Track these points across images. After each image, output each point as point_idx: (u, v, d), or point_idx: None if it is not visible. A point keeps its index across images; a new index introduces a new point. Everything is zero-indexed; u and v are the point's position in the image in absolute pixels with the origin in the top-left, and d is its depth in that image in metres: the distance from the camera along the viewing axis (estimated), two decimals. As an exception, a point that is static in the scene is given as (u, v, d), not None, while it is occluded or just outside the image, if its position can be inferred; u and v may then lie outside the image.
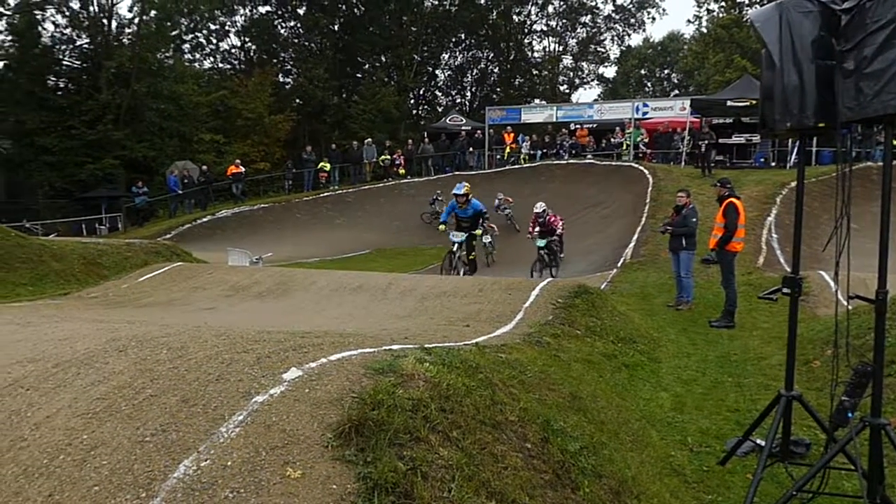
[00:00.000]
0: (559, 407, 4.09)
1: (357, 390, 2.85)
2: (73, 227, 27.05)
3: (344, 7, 42.16)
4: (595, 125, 29.03)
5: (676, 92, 51.84)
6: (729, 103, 23.17)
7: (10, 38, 30.94)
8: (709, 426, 5.32)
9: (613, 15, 49.36)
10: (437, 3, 44.47)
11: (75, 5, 32.90)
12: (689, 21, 79.76)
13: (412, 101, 45.88)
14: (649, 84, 58.03)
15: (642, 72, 57.74)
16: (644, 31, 54.65)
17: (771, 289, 4.34)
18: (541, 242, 14.79)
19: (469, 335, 5.93)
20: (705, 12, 43.83)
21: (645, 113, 27.60)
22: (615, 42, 51.80)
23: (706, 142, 21.49)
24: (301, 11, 42.31)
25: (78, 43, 33.62)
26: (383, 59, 43.61)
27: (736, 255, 9.59)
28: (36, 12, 31.52)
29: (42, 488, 2.38)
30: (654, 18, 52.88)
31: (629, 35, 51.82)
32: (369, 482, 2.35)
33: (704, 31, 44.93)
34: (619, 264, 14.49)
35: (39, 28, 32.14)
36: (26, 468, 2.48)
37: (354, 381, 2.95)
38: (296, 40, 43.42)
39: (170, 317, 7.34)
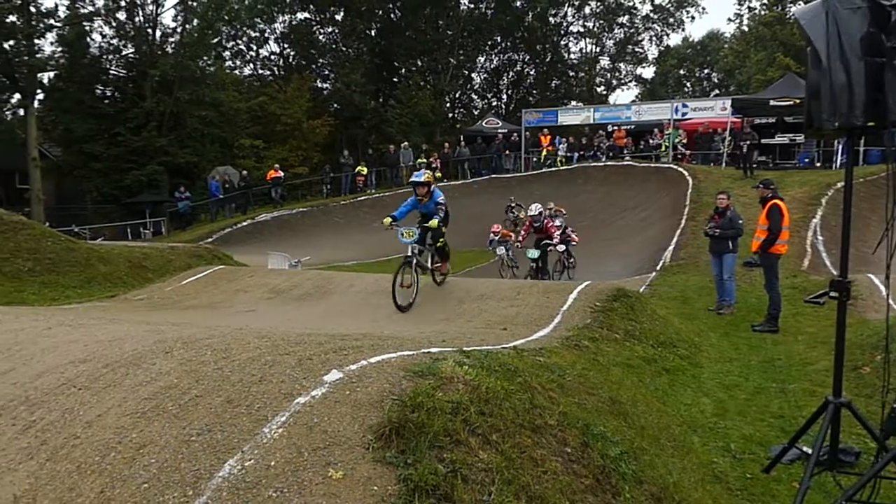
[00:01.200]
0: (599, 411, 4.05)
1: (397, 393, 2.87)
2: (119, 232, 27.87)
3: (381, 12, 42.49)
4: (633, 126, 28.69)
5: (716, 92, 50.90)
6: (772, 103, 22.69)
7: (60, 49, 31.99)
8: (752, 432, 5.21)
9: (652, 15, 48.69)
10: (472, 6, 44.51)
11: (122, 16, 33.92)
12: (729, 19, 78.26)
13: (448, 105, 45.94)
14: (688, 84, 57.09)
15: (681, 72, 56.84)
16: (683, 30, 53.73)
17: (818, 292, 4.25)
18: (533, 254, 13.13)
19: (506, 338, 5.92)
20: (747, 10, 42.97)
21: (684, 113, 27.18)
22: (653, 42, 51.10)
23: (748, 142, 21.07)
24: (339, 17, 42.78)
25: (124, 52, 34.61)
26: (419, 63, 43.80)
27: (780, 258, 9.38)
28: (85, 24, 32.53)
29: (94, 485, 2.45)
30: (693, 17, 51.92)
31: (668, 35, 51.04)
32: (410, 484, 2.37)
33: (746, 29, 44.04)
34: (658, 267, 14.28)
35: (88, 39, 33.17)
36: (79, 465, 2.56)
37: (394, 383, 2.97)
38: (333, 46, 43.93)
39: (213, 319, 7.49)
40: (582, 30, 49.10)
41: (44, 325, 4.35)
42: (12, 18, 28.51)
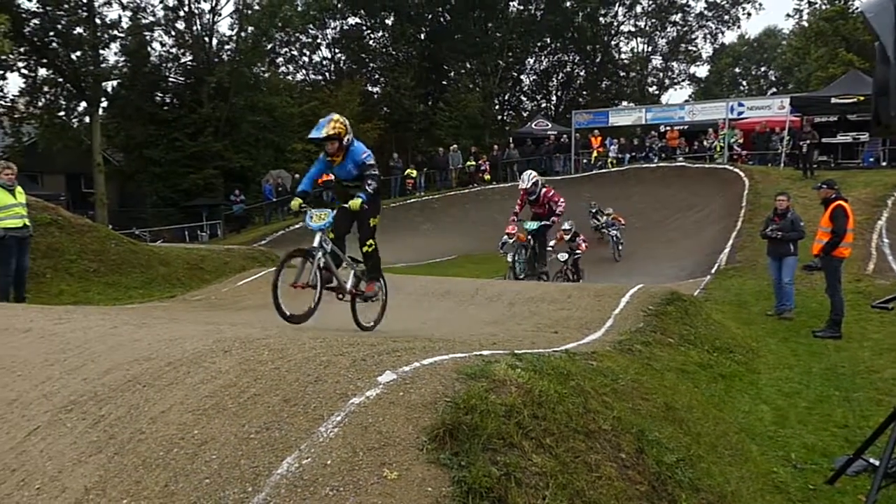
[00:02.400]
0: (653, 417, 3.98)
1: (450, 395, 2.88)
2: (177, 234, 28.76)
3: (430, 16, 42.73)
4: (686, 126, 28.08)
5: (774, 90, 49.39)
6: (833, 100, 21.89)
7: (123, 58, 33.28)
8: (814, 442, 5.04)
9: (706, 12, 47.55)
10: (521, 8, 44.33)
11: (180, 26, 35.03)
12: (788, 15, 75.88)
13: (497, 107, 45.84)
14: (744, 83, 55.57)
15: (737, 70, 55.37)
16: (738, 27, 52.25)
17: (886, 297, 4.07)
18: (531, 225, 11.02)
19: (557, 342, 5.88)
20: (807, 5, 41.51)
21: (740, 112, 26.44)
22: (707, 40, 49.89)
23: (808, 141, 20.36)
24: (389, 22, 43.22)
25: (182, 61, 35.73)
26: (468, 65, 43.84)
27: (843, 262, 9.04)
28: (146, 34, 33.73)
29: (159, 479, 2.54)
30: (749, 14, 50.23)
31: (722, 32, 49.76)
32: (464, 486, 2.37)
33: (805, 24, 42.59)
34: (713, 270, 13.93)
35: (149, 48, 34.39)
36: (145, 459, 2.66)
37: (447, 385, 2.98)
38: (383, 50, 44.39)
39: (267, 319, 7.65)
40: (633, 29, 48.33)
41: (110, 324, 4.52)
42: (79, 30, 29.77)
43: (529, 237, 11.14)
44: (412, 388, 2.94)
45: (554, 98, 49.14)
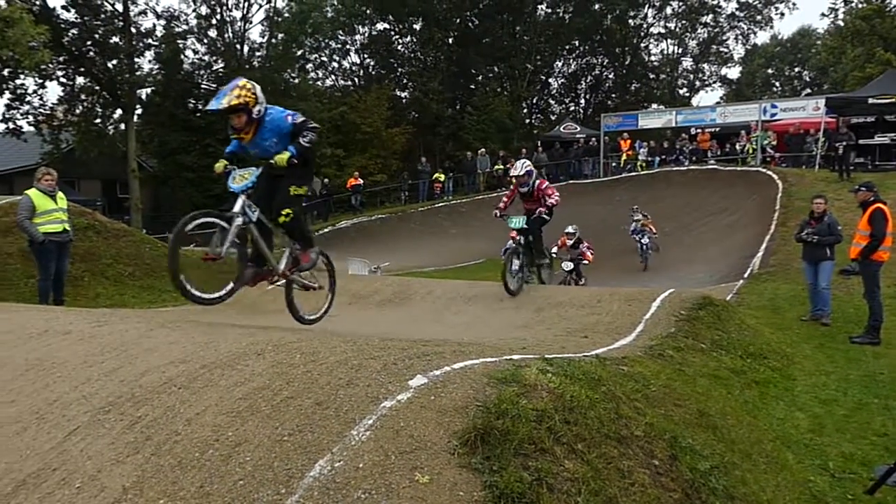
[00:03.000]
0: (686, 423, 3.93)
1: (481, 399, 2.88)
2: (208, 238, 29.17)
3: (458, 20, 42.84)
4: (718, 129, 27.71)
5: (808, 91, 48.48)
6: (870, 101, 21.39)
7: (157, 66, 33.97)
8: (853, 451, 4.92)
9: (737, 13, 46.90)
10: (549, 11, 44.23)
11: (213, 33, 35.64)
12: (823, 14, 74.15)
13: (525, 111, 45.77)
14: (777, 84, 54.62)
15: (769, 71, 54.46)
16: (771, 27, 51.37)
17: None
18: (517, 222, 9.47)
19: (588, 346, 5.84)
20: (842, 3, 40.66)
21: (773, 114, 25.99)
22: (739, 41, 49.22)
23: (844, 143, 19.92)
24: (417, 27, 43.43)
25: (214, 68, 36.32)
26: (496, 69, 43.85)
27: (881, 266, 8.83)
28: (179, 42, 34.39)
29: (195, 479, 2.58)
30: (782, 14, 49.39)
31: (755, 33, 49.05)
32: (495, 491, 2.37)
33: (841, 23, 41.71)
34: (745, 275, 13.70)
35: (182, 56, 35.02)
36: (181, 460, 2.70)
37: (478, 389, 2.98)
38: (411, 55, 44.61)
39: (298, 323, 7.72)
40: (663, 31, 47.91)
41: (146, 327, 4.61)
42: (115, 39, 30.48)
43: (519, 237, 9.62)
44: (443, 392, 2.94)
45: (582, 101, 48.93)
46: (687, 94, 49.73)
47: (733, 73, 52.39)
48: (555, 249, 13.56)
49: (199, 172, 33.24)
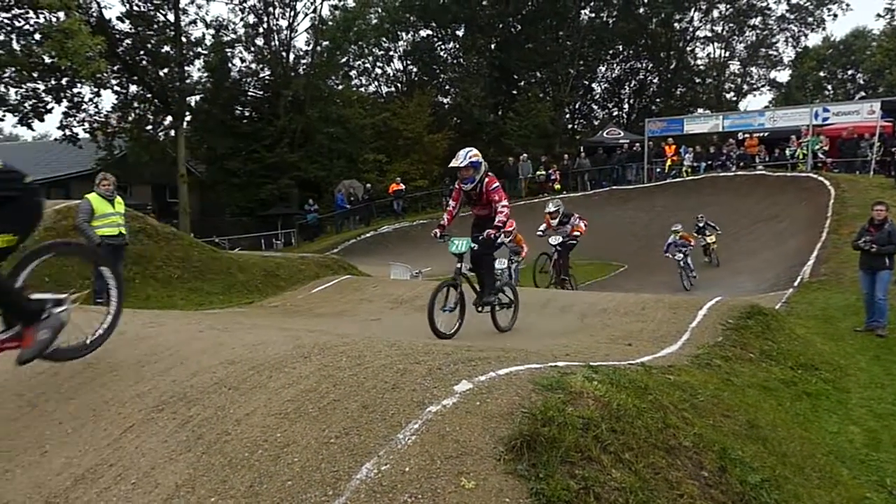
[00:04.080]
0: (736, 435, 3.85)
1: (526, 406, 2.87)
2: (253, 242, 29.81)
3: (501, 26, 42.83)
4: (766, 133, 27.02)
5: (862, 94, 46.87)
6: (929, 104, 20.63)
7: (206, 74, 34.89)
8: (912, 467, 4.74)
9: (788, 15, 45.69)
10: (593, 15, 43.86)
11: (259, 42, 36.43)
12: (878, 15, 71.65)
13: (568, 116, 45.44)
14: (829, 87, 52.96)
15: (821, 74, 52.87)
16: (824, 29, 49.75)
17: None
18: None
19: (632, 354, 5.75)
20: (899, 4, 39.36)
21: (825, 118, 25.25)
22: (789, 44, 47.89)
23: (901, 148, 19.25)
24: (459, 33, 43.58)
25: (261, 75, 37.10)
26: (539, 74, 43.66)
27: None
28: (227, 50, 35.25)
29: (244, 479, 2.63)
30: (835, 16, 47.89)
31: (806, 35, 47.67)
32: (542, 498, 2.36)
33: (897, 24, 40.36)
34: (795, 283, 13.32)
35: (229, 64, 35.91)
36: (231, 459, 2.76)
37: (524, 396, 2.97)
38: (454, 61, 44.77)
39: (341, 326, 7.82)
40: (710, 34, 46.95)
41: (196, 329, 4.73)
42: (167, 49, 31.41)
43: (462, 266, 7.28)
44: (488, 398, 2.94)
45: (626, 106, 48.31)
46: (734, 99, 48.68)
47: (783, 76, 51.08)
48: (542, 227, 13.08)
49: (245, 177, 33.97)
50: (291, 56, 37.05)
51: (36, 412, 3.49)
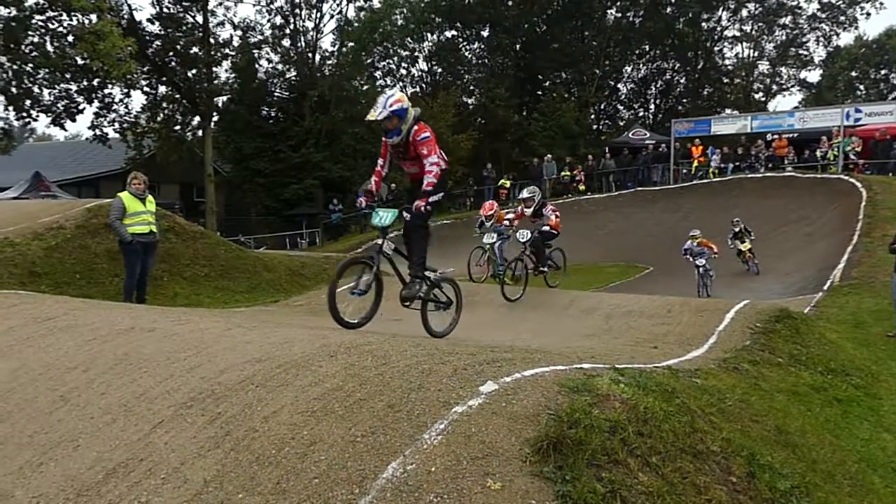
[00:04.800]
0: (764, 440, 3.79)
1: (553, 407, 2.86)
2: (278, 241, 30.09)
3: (526, 26, 42.69)
4: (796, 134, 26.57)
5: (896, 94, 45.95)
6: (966, 105, 20.12)
7: (233, 75, 35.28)
8: (947, 477, 4.63)
9: (819, 14, 44.87)
10: (620, 15, 43.51)
11: (286, 43, 36.76)
12: (912, 14, 70.24)
13: (593, 116, 45.12)
14: (861, 87, 51.92)
15: (853, 74, 51.86)
16: (856, 28, 48.78)
17: None
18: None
19: (658, 357, 5.70)
20: (934, 3, 38.42)
21: (857, 119, 24.76)
22: (820, 43, 47.05)
23: (936, 149, 18.81)
24: (484, 34, 43.53)
25: (287, 76, 37.46)
26: (564, 75, 43.45)
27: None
28: (255, 51, 35.64)
29: (271, 476, 2.66)
30: (868, 14, 46.87)
31: (837, 34, 46.77)
32: (568, 501, 2.35)
33: (933, 23, 39.38)
34: (825, 287, 13.10)
35: (256, 65, 36.27)
36: (258, 456, 2.79)
37: (550, 398, 2.96)
38: (479, 62, 44.73)
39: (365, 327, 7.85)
40: (738, 34, 46.30)
41: (224, 326, 4.79)
42: (195, 50, 31.85)
43: (384, 241, 6.11)
44: (514, 400, 2.94)
45: (652, 107, 47.83)
46: (763, 99, 47.92)
47: (813, 76, 50.23)
48: (510, 216, 11.59)
49: (271, 177, 34.30)
50: (317, 57, 37.35)
51: (69, 407, 3.56)
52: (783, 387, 5.79)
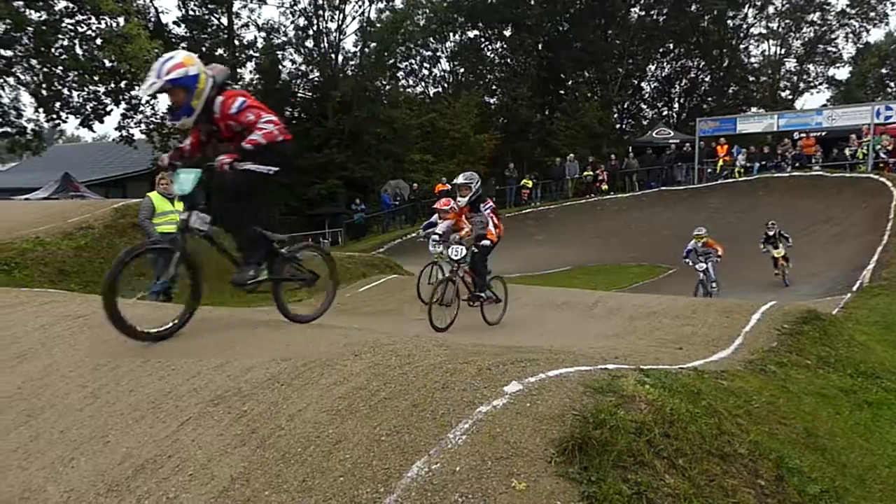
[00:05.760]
0: (793, 443, 3.74)
1: (577, 408, 2.85)
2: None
3: (549, 25, 42.53)
4: (824, 133, 26.16)
5: (929, 92, 44.94)
6: None
7: (257, 76, 35.65)
8: (982, 483, 4.51)
9: (848, 10, 44.09)
10: (643, 13, 43.15)
11: (309, 44, 37.05)
12: (945, 9, 68.73)
13: (616, 116, 44.83)
14: (892, 84, 50.89)
15: (883, 70, 50.85)
16: (887, 24, 47.90)
17: None
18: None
19: (683, 359, 5.64)
20: (969, -3, 37.59)
21: (888, 117, 24.32)
22: (849, 40, 46.22)
23: (970, 148, 18.39)
24: (507, 33, 43.45)
25: (310, 77, 37.75)
26: (587, 74, 43.22)
27: None
28: (278, 53, 35.98)
29: (297, 473, 2.68)
30: (898, 9, 46.21)
31: (867, 31, 45.92)
32: (594, 502, 2.34)
33: (966, 19, 38.48)
34: (854, 288, 12.88)
35: (280, 66, 36.58)
36: (284, 454, 2.81)
37: (574, 398, 2.95)
38: (501, 61, 44.67)
39: (388, 325, 7.89)
40: (764, 31, 45.68)
41: (249, 325, 4.83)
42: (220, 51, 32.24)
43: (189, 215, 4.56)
44: (539, 400, 2.93)
45: (676, 105, 47.35)
46: (790, 97, 47.18)
47: (842, 73, 49.31)
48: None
49: (294, 177, 34.57)
50: (340, 58, 37.62)
51: (99, 403, 3.62)
52: (811, 389, 5.70)
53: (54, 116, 27.19)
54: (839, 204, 20.54)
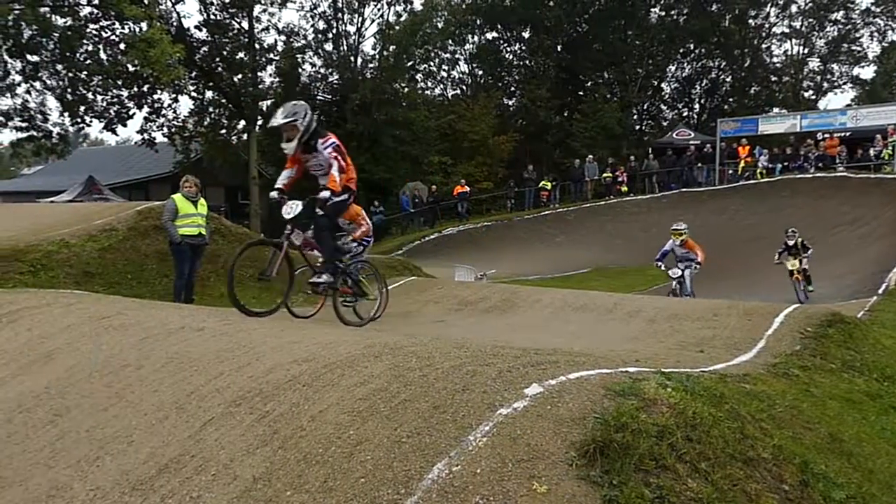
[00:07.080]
0: (817, 448, 3.69)
1: (599, 411, 2.83)
2: (321, 243, 30.47)
3: (568, 26, 42.36)
4: (848, 133, 25.78)
5: (957, 91, 44.05)
6: None
7: (277, 79, 35.92)
8: None
9: (873, 8, 43.39)
10: (663, 14, 42.81)
11: (328, 47, 37.26)
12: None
13: (635, 117, 44.50)
14: (919, 83, 50.03)
15: (910, 70, 50.01)
16: (914, 22, 47.06)
17: None
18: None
19: (705, 362, 5.59)
20: None
21: (915, 117, 23.92)
22: (875, 38, 45.45)
23: None
24: (525, 35, 43.36)
25: (329, 80, 37.92)
26: (606, 75, 42.94)
27: None
28: (298, 56, 36.20)
29: (318, 474, 2.70)
30: (926, 8, 45.37)
31: (893, 29, 45.08)
32: (616, 506, 2.33)
33: None
34: (880, 291, 12.66)
35: (300, 69, 36.83)
36: (305, 455, 2.83)
37: (595, 401, 2.94)
38: (519, 63, 44.58)
39: (408, 327, 7.91)
40: (787, 30, 45.09)
41: (270, 326, 4.88)
42: (241, 55, 32.54)
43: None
44: (559, 402, 2.92)
45: (696, 106, 46.89)
46: (813, 97, 46.51)
47: (867, 72, 48.52)
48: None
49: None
50: (359, 60, 37.74)
51: (123, 403, 3.68)
52: (836, 393, 5.62)
53: (79, 120, 27.61)
54: (864, 205, 20.22)
